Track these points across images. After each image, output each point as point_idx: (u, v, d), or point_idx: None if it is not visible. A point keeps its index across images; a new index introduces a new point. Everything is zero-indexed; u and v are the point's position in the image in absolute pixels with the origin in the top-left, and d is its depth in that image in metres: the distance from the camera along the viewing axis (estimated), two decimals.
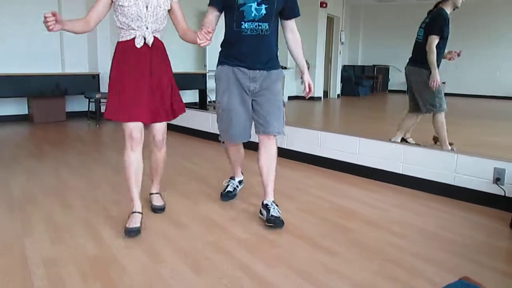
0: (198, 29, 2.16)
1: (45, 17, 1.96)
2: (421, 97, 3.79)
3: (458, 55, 3.89)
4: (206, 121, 5.10)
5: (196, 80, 7.79)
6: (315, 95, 9.77)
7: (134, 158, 2.30)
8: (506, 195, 2.71)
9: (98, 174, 3.50)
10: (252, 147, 4.24)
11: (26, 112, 6.72)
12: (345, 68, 11.68)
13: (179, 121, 5.61)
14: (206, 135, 5.05)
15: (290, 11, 2.42)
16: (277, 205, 2.49)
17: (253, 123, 2.51)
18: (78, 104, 7.04)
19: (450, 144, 3.67)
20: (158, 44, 2.33)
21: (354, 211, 2.72)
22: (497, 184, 2.76)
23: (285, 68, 9.26)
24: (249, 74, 2.39)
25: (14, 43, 6.38)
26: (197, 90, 8.15)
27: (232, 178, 2.94)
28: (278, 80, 2.47)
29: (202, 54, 8.19)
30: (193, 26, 2.71)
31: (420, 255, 2.07)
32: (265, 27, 2.32)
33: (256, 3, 2.26)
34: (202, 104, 7.80)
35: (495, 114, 8.27)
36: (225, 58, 2.44)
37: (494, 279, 1.86)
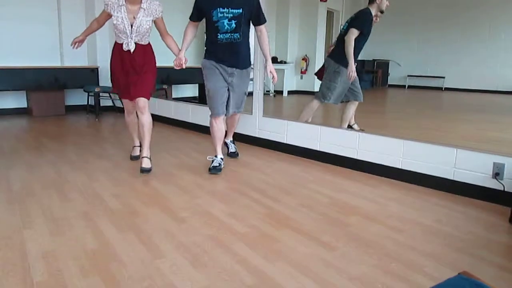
0: (183, 30, 3.34)
1: (74, 43, 3.45)
2: (321, 85, 4.16)
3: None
4: (205, 116, 5.09)
5: (195, 74, 7.74)
6: (315, 90, 9.76)
7: (130, 120, 3.68)
8: (505, 189, 2.72)
9: (97, 167, 3.50)
10: (261, 143, 4.23)
11: (25, 106, 6.71)
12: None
13: (178, 115, 5.64)
14: (205, 129, 5.04)
15: (255, 21, 3.24)
16: (233, 142, 3.96)
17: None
18: (77, 97, 7.02)
19: (350, 126, 4.00)
20: (141, 48, 3.31)
21: (353, 205, 2.72)
22: (496, 179, 2.76)
23: (285, 62, 9.25)
24: (228, 70, 3.29)
25: (13, 37, 6.34)
26: (197, 85, 8.13)
27: (215, 156, 3.47)
28: (248, 75, 3.45)
29: (201, 49, 8.16)
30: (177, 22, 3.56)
31: (418, 250, 2.08)
32: (237, 36, 3.17)
33: (227, 19, 3.09)
34: (201, 98, 7.78)
35: (494, 109, 8.25)
36: (209, 55, 3.29)
37: (493, 274, 1.87)
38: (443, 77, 11.51)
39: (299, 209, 2.63)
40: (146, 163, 3.35)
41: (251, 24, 3.27)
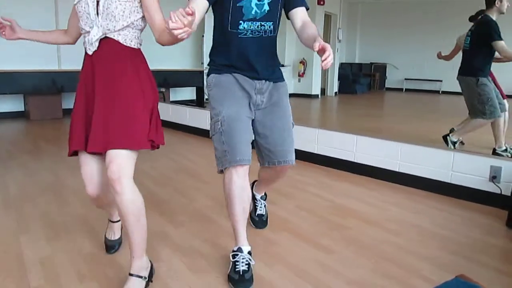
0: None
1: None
2: (471, 104, 3.81)
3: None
4: (203, 119, 5.09)
5: (193, 78, 7.79)
6: (313, 93, 9.79)
7: (98, 205, 1.95)
8: (502, 193, 2.72)
9: None
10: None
11: (22, 109, 6.70)
12: (342, 66, 11.69)
13: (175, 118, 5.64)
14: (203, 133, 5.04)
15: (295, 3, 1.88)
16: (265, 200, 2.42)
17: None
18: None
19: (504, 151, 3.78)
20: (117, 48, 1.68)
21: (351, 209, 2.72)
22: (494, 182, 2.77)
23: (282, 65, 9.28)
24: (255, 85, 1.89)
25: (10, 40, 6.33)
26: (194, 88, 8.15)
27: (239, 250, 1.86)
28: (286, 94, 2.02)
29: (199, 51, 8.18)
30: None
31: (416, 253, 2.08)
32: (270, 26, 1.86)
33: None
34: (199, 102, 7.80)
35: None
36: (220, 63, 1.91)
37: (490, 277, 1.87)
38: (440, 81, 11.56)
39: (297, 213, 2.63)
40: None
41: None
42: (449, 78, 11.25)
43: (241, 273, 1.76)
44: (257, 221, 2.34)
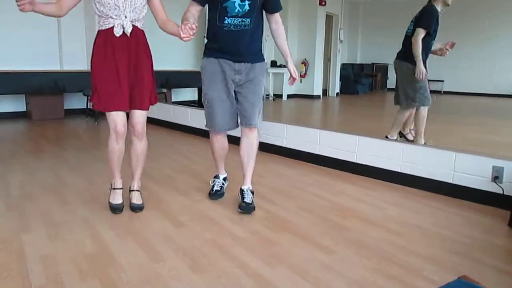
0: (180, 21, 2.30)
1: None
2: (403, 91, 3.81)
3: (451, 46, 3.86)
4: (204, 119, 5.10)
5: (194, 78, 7.77)
6: (314, 94, 9.78)
7: (117, 148, 2.49)
8: (505, 193, 2.71)
9: (96, 171, 3.49)
10: (260, 147, 4.17)
11: (24, 109, 6.72)
12: (344, 67, 11.68)
13: (177, 119, 5.64)
14: (204, 133, 5.03)
15: (272, 6, 2.51)
16: (252, 192, 2.70)
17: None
18: (76, 101, 7.03)
19: (425, 143, 3.72)
20: (138, 33, 2.37)
21: (352, 209, 2.72)
22: (496, 182, 2.76)
23: (285, 66, 9.26)
24: (234, 66, 2.48)
25: (12, 40, 6.35)
26: (196, 88, 8.15)
27: (216, 176, 2.91)
28: (261, 72, 2.56)
29: (200, 52, 8.18)
30: (175, 13, 2.76)
31: (418, 253, 2.07)
32: (248, 22, 2.39)
33: None
34: (200, 103, 7.80)
35: (493, 112, 8.28)
36: (210, 50, 2.51)
37: (493, 278, 1.86)
38: (442, 81, 11.56)
39: (298, 213, 2.63)
40: (137, 198, 2.61)
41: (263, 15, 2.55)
42: (451, 78, 11.29)
43: (213, 191, 2.82)
44: (245, 207, 2.61)
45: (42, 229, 2.29)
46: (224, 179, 2.92)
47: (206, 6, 2.47)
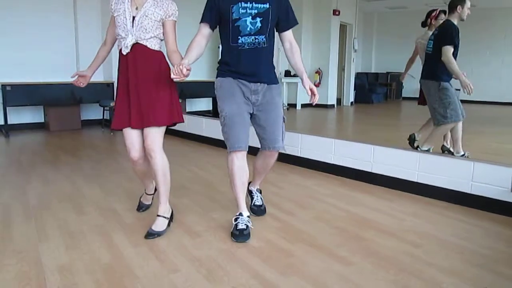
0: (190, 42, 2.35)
1: (74, 83, 2.54)
2: (434, 109, 3.77)
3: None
4: (219, 129, 5.10)
5: (209, 88, 7.80)
6: (329, 103, 9.75)
7: (137, 169, 2.57)
8: None
9: (112, 182, 3.52)
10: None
11: (42, 120, 6.83)
12: (358, 76, 11.63)
13: (192, 129, 5.67)
14: (218, 143, 5.06)
15: (284, 23, 2.42)
16: (260, 192, 2.83)
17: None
18: (93, 112, 7.13)
19: (463, 155, 3.66)
20: (147, 52, 2.35)
21: (369, 220, 2.69)
22: None
23: (297, 75, 9.25)
24: (251, 86, 2.39)
25: (31, 53, 6.49)
26: (211, 98, 8.20)
27: (240, 214, 2.43)
28: (278, 95, 2.50)
29: (215, 63, 8.24)
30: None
31: (437, 265, 2.03)
32: (262, 39, 2.33)
33: (250, 16, 2.29)
34: (215, 112, 7.84)
35: (510, 121, 8.13)
36: (225, 71, 2.42)
37: None
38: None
39: (314, 223, 2.61)
40: (156, 225, 2.40)
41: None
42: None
43: (240, 230, 2.34)
44: (256, 210, 2.71)
45: (59, 238, 2.31)
46: (249, 217, 2.45)
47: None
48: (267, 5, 2.30)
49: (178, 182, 3.53)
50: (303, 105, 9.49)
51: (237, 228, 2.36)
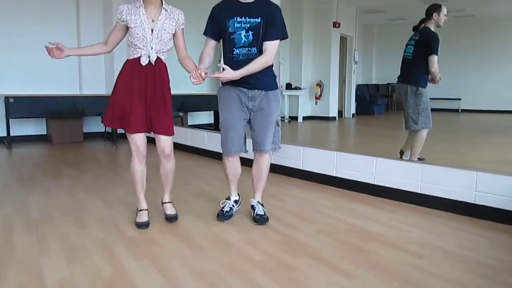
0: (199, 56, 2.63)
1: (46, 48, 2.48)
2: (408, 113, 3.88)
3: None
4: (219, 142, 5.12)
5: (211, 102, 7.86)
6: (330, 115, 9.76)
7: (140, 169, 2.70)
8: None
9: (113, 195, 3.51)
10: (277, 169, 4.16)
11: (45, 132, 6.86)
12: (359, 87, 11.67)
13: (193, 142, 5.68)
14: (220, 156, 5.05)
15: (267, 34, 2.56)
16: (262, 204, 2.88)
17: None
18: (95, 125, 7.15)
19: (420, 159, 3.73)
20: (161, 65, 2.60)
21: (372, 232, 2.67)
22: None
23: (300, 88, 9.30)
24: (248, 93, 2.65)
25: (33, 65, 6.54)
26: (212, 112, 8.22)
27: (228, 198, 2.95)
28: (275, 100, 2.72)
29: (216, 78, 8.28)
30: (197, 46, 2.88)
31: (441, 276, 2.01)
32: (254, 51, 2.58)
33: (244, 30, 2.55)
34: (217, 126, 7.85)
35: None
36: (226, 80, 2.61)
37: None
38: (459, 99, 11.43)
39: (317, 236, 2.59)
40: (171, 209, 2.85)
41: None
42: (468, 96, 11.16)
43: (222, 212, 2.86)
44: (258, 219, 2.80)
45: (60, 251, 2.29)
46: (235, 201, 2.95)
47: None
48: (259, 19, 2.55)
49: (180, 195, 3.52)
50: (305, 117, 9.51)
51: (222, 209, 2.88)
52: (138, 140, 2.62)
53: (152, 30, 2.50)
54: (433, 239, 2.52)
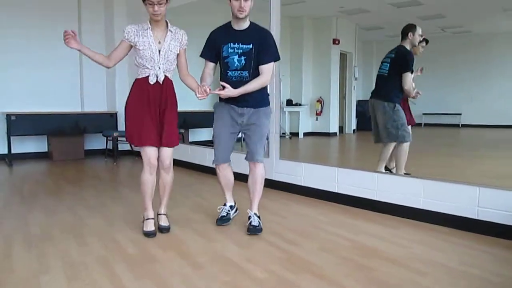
0: (200, 73, 2.90)
1: (65, 32, 2.61)
2: (385, 128, 3.95)
3: (421, 71, 4.16)
4: None
5: (211, 118, 7.86)
6: (331, 131, 9.77)
7: (151, 180, 2.86)
8: None
9: (114, 212, 3.50)
10: (278, 186, 4.17)
11: (46, 150, 6.86)
12: (360, 103, 11.69)
13: (194, 159, 5.68)
14: None
15: (261, 59, 2.83)
16: (258, 216, 2.99)
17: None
18: (96, 142, 7.16)
19: (406, 174, 3.71)
20: (167, 82, 2.80)
21: (374, 248, 2.65)
22: None
23: (300, 104, 9.33)
24: (238, 110, 2.92)
25: (35, 83, 6.59)
26: (212, 128, 8.22)
27: (224, 204, 3.19)
28: (265, 116, 2.97)
29: (215, 95, 8.32)
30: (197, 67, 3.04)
31: None
32: (246, 74, 2.84)
33: (237, 55, 2.81)
34: None
35: None
36: (220, 98, 2.96)
37: None
38: (460, 114, 11.43)
39: (319, 253, 2.57)
40: (164, 220, 2.96)
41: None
42: (469, 111, 11.15)
43: (220, 216, 3.13)
44: (251, 229, 2.91)
45: (61, 269, 2.28)
46: (231, 207, 3.20)
47: None
48: (251, 46, 2.80)
49: (181, 212, 3.51)
50: (306, 134, 9.52)
51: (220, 215, 3.15)
52: (149, 152, 2.79)
53: (159, 51, 2.71)
54: (436, 255, 2.50)
